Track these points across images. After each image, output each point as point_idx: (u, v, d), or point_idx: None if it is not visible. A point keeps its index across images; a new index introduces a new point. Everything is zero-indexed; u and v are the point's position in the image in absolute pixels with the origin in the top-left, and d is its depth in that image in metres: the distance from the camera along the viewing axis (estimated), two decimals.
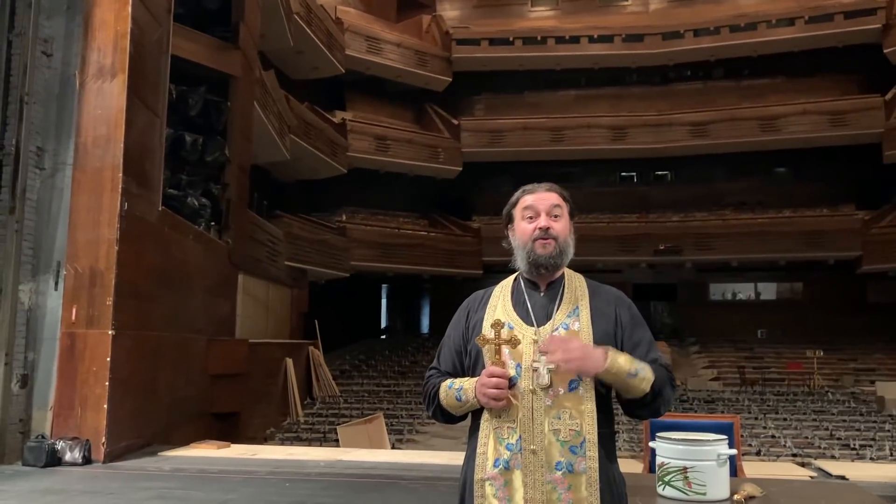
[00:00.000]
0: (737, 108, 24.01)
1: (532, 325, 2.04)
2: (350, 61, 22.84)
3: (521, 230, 2.13)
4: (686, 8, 25.40)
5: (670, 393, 2.04)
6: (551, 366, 1.96)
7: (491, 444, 1.98)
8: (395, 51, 24.36)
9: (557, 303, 2.08)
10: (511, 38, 25.39)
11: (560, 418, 1.95)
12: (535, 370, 1.98)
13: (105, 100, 7.94)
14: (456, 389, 2.05)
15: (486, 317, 2.10)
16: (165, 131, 9.59)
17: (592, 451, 1.96)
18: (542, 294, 2.11)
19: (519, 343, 2.00)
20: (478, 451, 2.01)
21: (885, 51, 22.12)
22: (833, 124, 22.64)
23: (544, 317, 2.06)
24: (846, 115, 22.62)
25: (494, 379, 1.94)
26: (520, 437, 1.95)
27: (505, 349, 2.00)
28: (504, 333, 2.00)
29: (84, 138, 7.94)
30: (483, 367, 2.03)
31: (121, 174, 7.76)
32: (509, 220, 2.19)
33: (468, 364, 2.11)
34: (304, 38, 19.22)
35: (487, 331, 2.03)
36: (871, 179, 23.15)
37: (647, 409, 2.05)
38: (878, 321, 22.14)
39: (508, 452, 1.96)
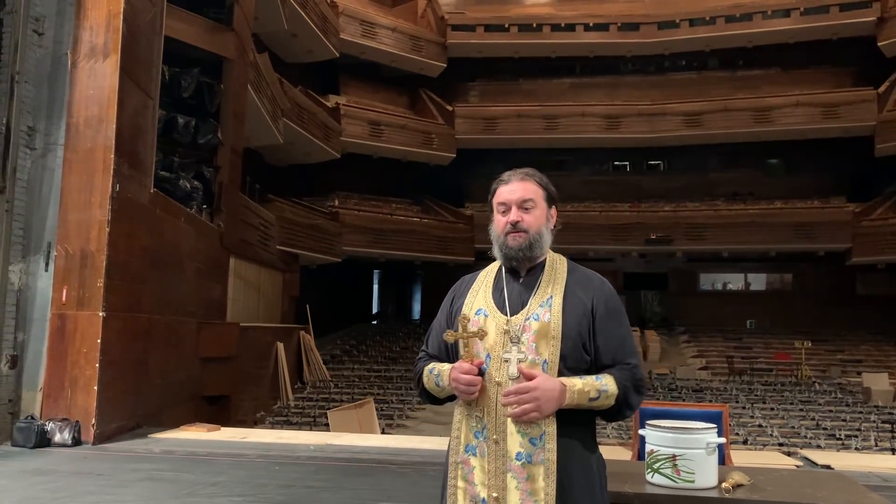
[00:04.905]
0: (730, 98, 23.99)
1: (505, 314, 2.04)
2: (344, 45, 22.70)
3: (496, 223, 2.13)
4: None
5: (636, 399, 2.03)
6: (521, 356, 1.98)
7: (464, 430, 2.03)
8: (390, 35, 24.21)
9: (535, 290, 2.08)
10: (506, 25, 25.28)
11: None
12: (506, 361, 1.99)
13: (97, 80, 7.88)
14: (435, 375, 2.10)
15: (465, 304, 2.12)
16: (158, 113, 9.53)
17: (551, 444, 1.95)
18: (521, 281, 2.11)
19: (486, 335, 2.01)
20: (453, 434, 2.06)
21: (879, 44, 22.16)
22: (826, 116, 22.69)
23: (519, 304, 2.06)
24: (839, 108, 22.66)
25: (466, 376, 1.96)
26: (485, 426, 1.98)
27: (476, 339, 2.01)
28: (470, 327, 2.01)
29: (76, 118, 7.88)
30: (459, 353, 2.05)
31: (113, 155, 7.72)
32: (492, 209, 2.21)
33: (453, 348, 2.12)
34: (298, 20, 19.08)
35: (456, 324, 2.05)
36: (863, 172, 23.26)
37: (612, 417, 2.06)
38: (865, 313, 22.31)
39: (476, 440, 2.00)
